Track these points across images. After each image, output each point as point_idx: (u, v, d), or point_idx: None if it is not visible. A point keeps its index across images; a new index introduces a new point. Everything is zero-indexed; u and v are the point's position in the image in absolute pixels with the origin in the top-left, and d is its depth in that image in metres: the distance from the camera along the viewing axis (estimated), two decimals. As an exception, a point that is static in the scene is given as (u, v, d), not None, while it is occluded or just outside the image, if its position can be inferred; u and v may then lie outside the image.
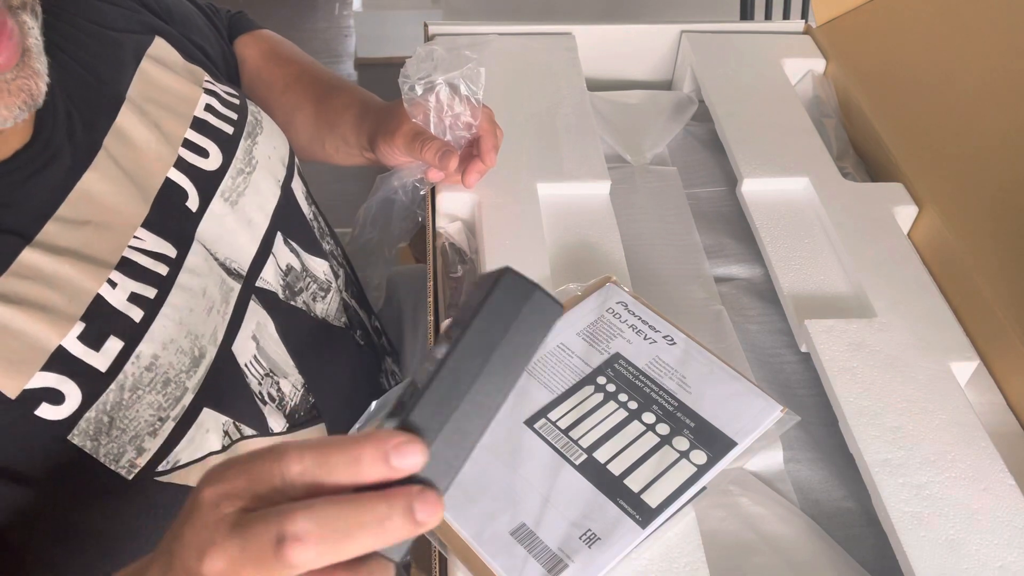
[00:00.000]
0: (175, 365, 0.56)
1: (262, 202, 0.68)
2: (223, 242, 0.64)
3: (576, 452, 0.54)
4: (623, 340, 0.61)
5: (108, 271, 0.54)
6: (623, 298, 0.64)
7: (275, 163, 0.71)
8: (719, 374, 0.59)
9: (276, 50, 0.85)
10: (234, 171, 0.66)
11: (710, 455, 0.54)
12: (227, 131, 0.67)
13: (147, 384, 0.54)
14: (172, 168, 0.62)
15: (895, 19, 0.88)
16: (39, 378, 0.49)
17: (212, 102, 0.67)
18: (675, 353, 0.60)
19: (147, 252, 0.57)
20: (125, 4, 0.68)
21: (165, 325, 0.56)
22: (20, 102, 0.48)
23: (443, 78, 0.67)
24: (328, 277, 0.75)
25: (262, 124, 0.71)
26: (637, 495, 0.52)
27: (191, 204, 0.62)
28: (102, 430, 0.52)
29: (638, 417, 0.56)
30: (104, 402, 0.52)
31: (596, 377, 0.59)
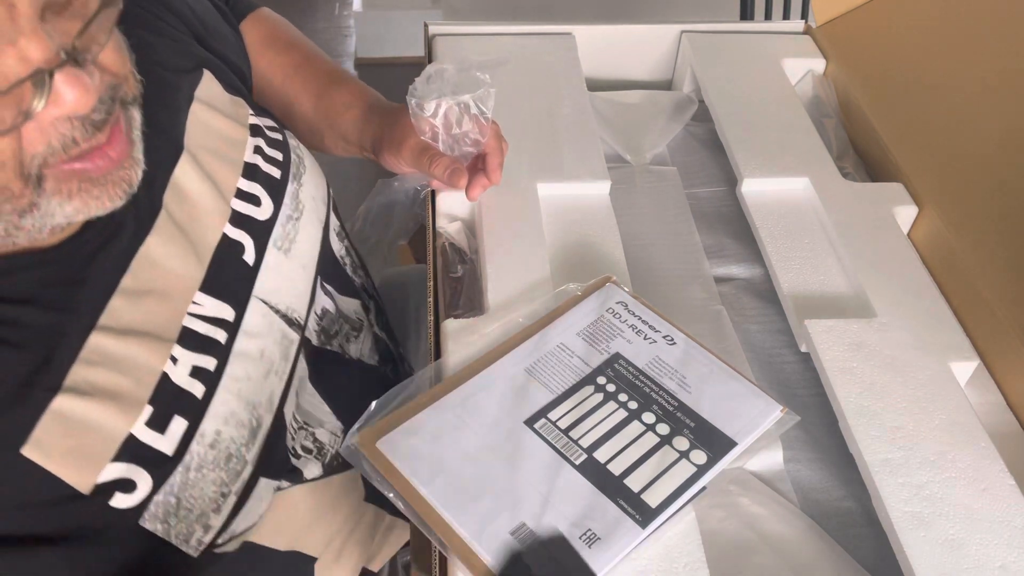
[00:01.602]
0: (236, 439, 0.55)
1: (310, 246, 0.67)
2: (283, 292, 0.62)
3: (576, 452, 0.54)
4: (623, 340, 0.61)
5: (170, 346, 0.53)
6: (623, 298, 0.64)
7: (318, 204, 0.70)
8: (719, 374, 0.59)
9: (275, 34, 0.82)
10: (283, 218, 0.64)
11: (710, 455, 0.54)
12: (275, 175, 0.65)
13: (211, 462, 0.53)
14: (227, 223, 0.60)
15: (895, 19, 0.88)
16: (110, 469, 0.48)
17: (259, 143, 0.65)
18: (675, 353, 0.60)
19: (205, 318, 0.55)
20: (174, 35, 0.65)
21: (226, 399, 0.55)
22: (121, 192, 0.46)
23: (453, 101, 0.67)
24: (360, 316, 0.74)
25: (304, 163, 0.69)
26: (637, 495, 0.52)
27: (248, 258, 0.60)
28: (170, 511, 0.51)
29: (638, 417, 0.56)
30: (171, 484, 0.51)
31: (596, 377, 0.59)
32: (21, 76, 0.39)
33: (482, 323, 0.64)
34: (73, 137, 0.42)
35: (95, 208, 0.46)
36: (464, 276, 0.71)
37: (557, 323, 0.62)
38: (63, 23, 0.41)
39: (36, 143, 0.41)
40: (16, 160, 0.41)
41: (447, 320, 0.64)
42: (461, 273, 0.72)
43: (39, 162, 0.42)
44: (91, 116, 0.43)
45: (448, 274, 0.71)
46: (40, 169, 0.42)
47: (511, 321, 0.63)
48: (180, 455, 0.52)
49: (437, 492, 0.52)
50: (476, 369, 0.59)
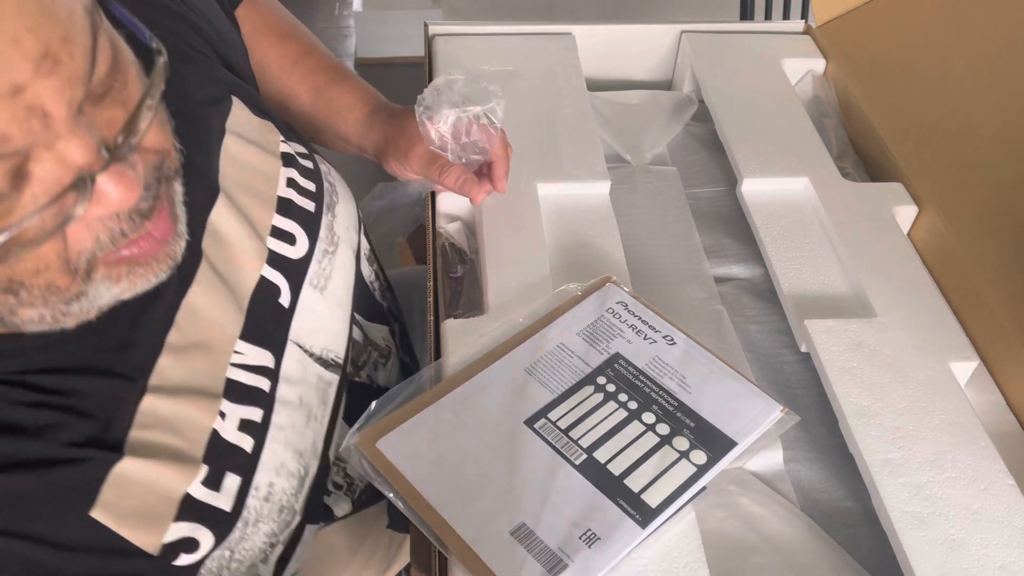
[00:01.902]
0: (286, 490, 0.55)
1: (345, 279, 0.65)
2: (318, 333, 0.61)
3: (576, 452, 0.54)
4: (623, 340, 0.61)
5: (218, 402, 0.52)
6: (623, 298, 0.64)
7: (351, 233, 0.68)
8: (719, 374, 0.59)
9: (271, 23, 0.78)
10: (319, 253, 0.62)
11: (710, 455, 0.54)
12: (310, 209, 0.63)
13: (266, 515, 0.53)
14: (265, 264, 0.58)
15: (895, 19, 0.88)
16: (174, 529, 0.48)
17: (292, 175, 0.63)
18: (675, 353, 0.60)
19: (249, 367, 0.54)
20: (201, 61, 0.62)
21: (275, 449, 0.54)
22: (165, 267, 0.45)
23: (463, 112, 0.67)
24: (388, 342, 0.72)
25: (336, 190, 0.67)
26: (637, 495, 0.52)
27: (283, 300, 0.58)
28: (224, 565, 0.51)
29: (638, 417, 0.56)
30: (230, 540, 0.51)
31: (596, 377, 0.59)
32: (62, 181, 0.37)
33: (482, 323, 0.64)
34: (121, 229, 0.41)
35: (141, 286, 0.44)
36: (464, 276, 0.71)
37: (557, 323, 0.62)
38: (103, 111, 0.39)
39: (83, 240, 0.40)
40: (62, 259, 0.39)
41: (447, 320, 0.64)
42: (461, 273, 0.72)
43: (87, 257, 0.41)
44: (138, 206, 0.41)
45: (448, 274, 0.71)
46: (88, 263, 0.41)
47: (511, 321, 0.63)
48: (238, 511, 0.51)
49: (437, 492, 0.52)
50: (476, 369, 0.59)
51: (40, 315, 0.41)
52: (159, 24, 0.59)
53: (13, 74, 0.33)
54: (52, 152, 0.36)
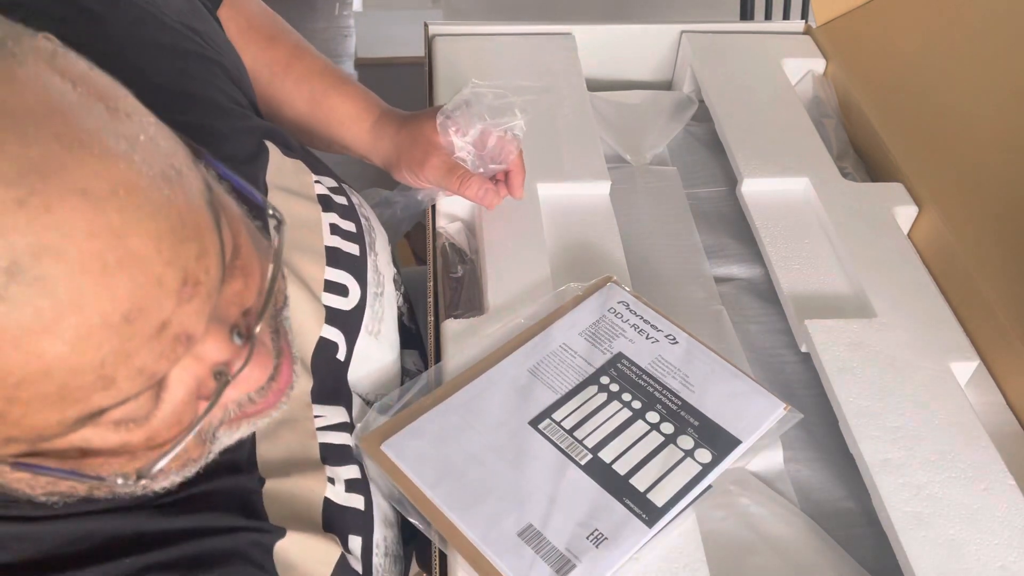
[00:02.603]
0: (392, 539, 0.55)
1: (394, 316, 0.64)
2: (371, 377, 0.60)
3: (581, 452, 0.54)
4: (625, 340, 0.61)
5: (323, 469, 0.50)
6: (624, 298, 0.64)
7: (390, 267, 0.66)
8: (722, 372, 0.59)
9: (256, 25, 0.74)
10: (371, 298, 0.61)
11: (715, 453, 0.54)
12: (355, 253, 0.61)
13: (386, 570, 0.53)
14: (324, 324, 0.56)
15: (895, 19, 0.88)
16: None
17: (334, 219, 0.60)
18: (677, 352, 0.60)
19: (333, 427, 0.53)
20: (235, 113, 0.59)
21: (378, 502, 0.54)
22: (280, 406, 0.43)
23: (487, 126, 0.67)
24: (419, 366, 0.71)
25: (372, 225, 0.65)
26: (643, 494, 0.52)
27: (340, 355, 0.57)
28: None
29: (642, 416, 0.56)
30: None
31: (599, 377, 0.59)
32: (199, 376, 0.35)
33: (482, 324, 0.64)
34: (250, 397, 0.40)
35: (257, 426, 0.43)
36: (464, 276, 0.71)
37: (559, 323, 0.62)
38: (226, 289, 0.36)
39: (215, 417, 0.39)
40: (197, 438, 0.38)
41: (447, 320, 0.64)
42: (461, 273, 0.72)
43: (216, 425, 0.40)
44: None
45: (448, 274, 0.71)
46: (216, 430, 0.40)
47: (512, 322, 0.63)
48: (368, 573, 0.51)
49: (443, 494, 0.52)
50: (479, 371, 0.59)
51: (171, 481, 0.40)
52: (195, 77, 0.57)
53: (160, 314, 0.32)
54: (184, 367, 0.35)
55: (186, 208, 0.33)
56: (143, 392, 0.33)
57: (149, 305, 0.31)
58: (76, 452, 0.34)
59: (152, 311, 0.31)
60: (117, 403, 0.32)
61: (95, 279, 0.29)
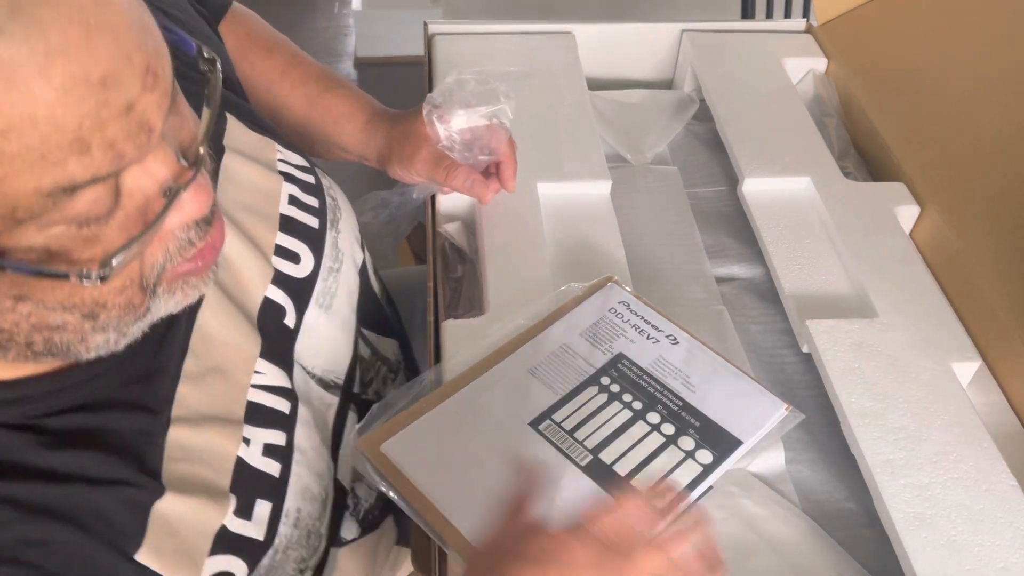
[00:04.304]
0: (312, 514, 0.54)
1: (350, 296, 0.65)
2: (320, 354, 0.60)
3: (581, 453, 0.54)
4: (626, 340, 0.61)
5: (240, 427, 0.51)
6: (625, 298, 0.64)
7: (355, 247, 0.67)
8: (723, 373, 0.59)
9: (254, 35, 0.77)
10: (325, 271, 0.61)
11: (716, 454, 0.54)
12: (313, 226, 0.62)
13: (296, 541, 0.53)
14: (270, 284, 0.57)
15: (896, 18, 0.88)
16: (211, 564, 0.47)
17: (294, 191, 0.62)
18: (678, 352, 0.60)
19: (269, 388, 0.54)
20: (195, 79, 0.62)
21: (299, 473, 0.54)
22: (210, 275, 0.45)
23: (473, 112, 0.66)
24: (397, 356, 0.72)
25: (339, 205, 0.66)
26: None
27: (288, 321, 0.58)
28: None
29: (643, 417, 0.56)
30: (260, 567, 0.50)
31: (600, 377, 0.59)
32: (148, 195, 0.38)
33: (482, 324, 0.64)
34: (189, 238, 0.42)
35: (192, 297, 0.45)
36: (464, 276, 0.71)
37: (559, 324, 0.62)
38: (171, 119, 0.40)
39: (156, 254, 0.41)
40: (139, 274, 0.41)
41: (447, 320, 0.64)
42: (461, 273, 0.71)
43: (158, 271, 0.41)
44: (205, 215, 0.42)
45: (448, 274, 0.71)
46: (157, 278, 0.42)
47: (512, 322, 0.63)
48: (270, 540, 0.51)
49: (442, 495, 0.52)
50: (479, 371, 0.59)
51: (106, 339, 0.42)
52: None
53: (128, 92, 0.35)
54: (141, 167, 0.37)
55: (148, 18, 0.37)
56: (109, 178, 0.36)
57: (121, 76, 0.34)
58: (42, 253, 0.36)
59: (123, 84, 0.34)
60: (87, 180, 0.35)
61: (80, 33, 0.33)
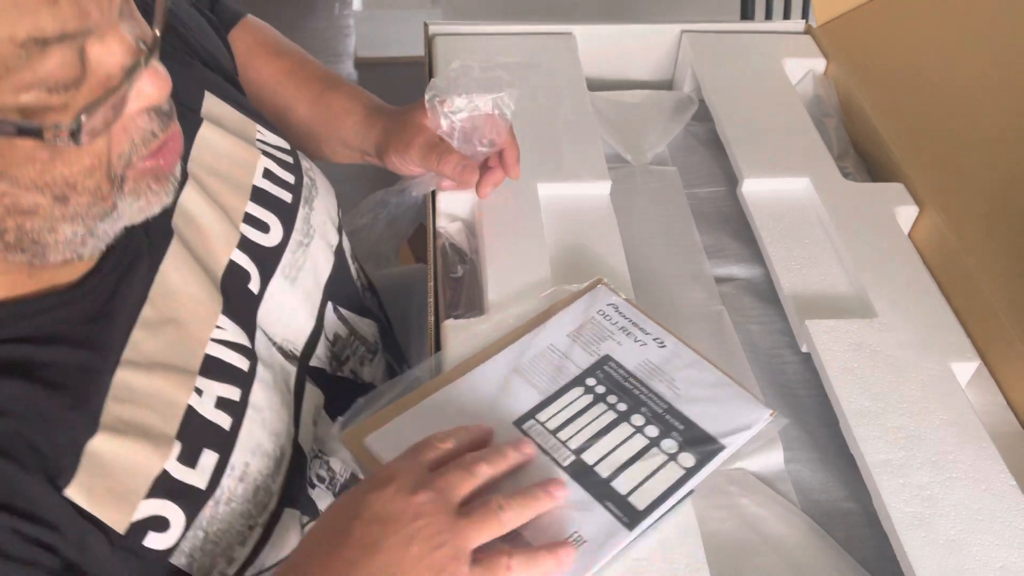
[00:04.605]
0: (263, 471, 0.55)
1: (317, 273, 0.66)
2: (281, 323, 0.61)
3: (564, 454, 0.54)
4: (613, 342, 0.61)
5: (193, 378, 0.52)
6: (613, 300, 0.64)
7: (329, 228, 0.68)
8: (709, 377, 0.59)
9: (263, 42, 0.80)
10: (294, 244, 0.63)
11: (699, 458, 0.54)
12: (286, 200, 0.64)
13: (240, 495, 0.53)
14: (235, 249, 0.59)
15: (896, 19, 0.88)
16: (144, 507, 0.48)
17: (270, 165, 0.64)
18: (665, 355, 0.60)
19: (228, 344, 0.55)
20: (179, 58, 0.63)
21: (251, 429, 0.54)
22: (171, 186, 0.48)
23: (477, 100, 0.66)
24: (376, 338, 0.73)
25: (316, 185, 0.68)
26: (624, 497, 0.52)
27: (253, 286, 0.59)
28: (196, 546, 0.51)
29: (627, 419, 0.56)
30: (201, 518, 0.51)
31: (585, 379, 0.59)
32: (112, 72, 0.40)
33: (482, 323, 0.64)
34: (152, 131, 0.44)
35: (155, 204, 0.47)
36: (464, 276, 0.71)
37: (548, 324, 0.62)
38: (128, 11, 0.42)
39: (122, 142, 0.43)
40: (106, 161, 0.42)
41: (447, 320, 0.64)
42: (461, 273, 0.72)
43: (124, 162, 0.43)
44: (163, 106, 0.45)
45: (448, 274, 0.71)
46: (124, 170, 0.44)
47: (503, 322, 0.63)
48: (212, 489, 0.51)
49: None
50: (466, 369, 0.59)
51: (74, 232, 0.43)
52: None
53: None
54: (104, 44, 0.40)
55: None
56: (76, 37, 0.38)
57: None
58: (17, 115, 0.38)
59: None
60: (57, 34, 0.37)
61: None
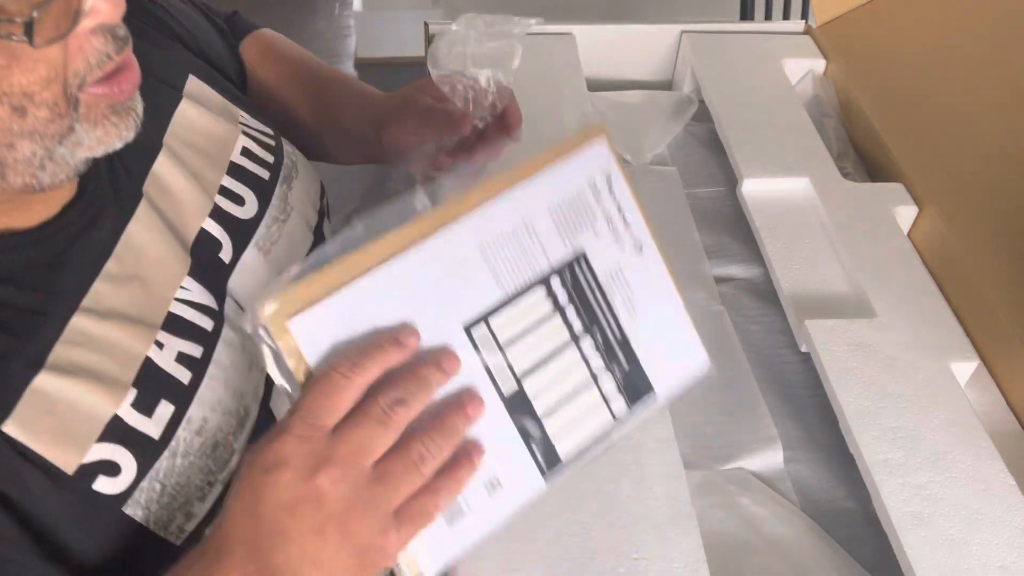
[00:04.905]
0: (223, 427, 0.55)
1: (294, 249, 0.66)
2: (253, 294, 0.62)
3: (507, 379, 0.49)
4: (592, 234, 0.54)
5: (155, 332, 0.53)
6: (610, 170, 0.55)
7: (308, 208, 0.69)
8: (669, 309, 0.55)
9: (272, 49, 0.82)
10: (269, 219, 0.64)
11: (630, 406, 0.51)
12: (263, 176, 0.65)
13: (197, 449, 0.53)
14: (207, 217, 0.60)
15: (895, 19, 0.88)
16: (95, 450, 0.48)
17: (249, 144, 0.65)
18: (638, 266, 0.55)
19: (193, 304, 0.55)
20: (162, 43, 0.65)
21: (213, 386, 0.54)
22: (132, 123, 0.49)
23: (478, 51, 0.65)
24: None
25: (297, 167, 0.69)
26: (550, 441, 0.49)
27: (224, 255, 0.60)
28: (153, 498, 0.51)
29: (577, 343, 0.51)
30: (157, 470, 0.51)
31: (551, 279, 0.52)
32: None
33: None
34: (107, 52, 0.45)
35: (115, 138, 0.48)
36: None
37: (530, 184, 0.52)
38: None
39: (76, 59, 0.44)
40: (62, 76, 0.44)
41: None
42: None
43: (79, 80, 0.44)
44: (117, 31, 0.46)
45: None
46: (78, 89, 0.45)
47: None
48: (166, 440, 0.51)
49: None
50: (420, 233, 0.49)
51: (32, 152, 0.45)
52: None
53: None
54: None
55: None
56: None
57: None
58: None
59: None
60: None
61: None
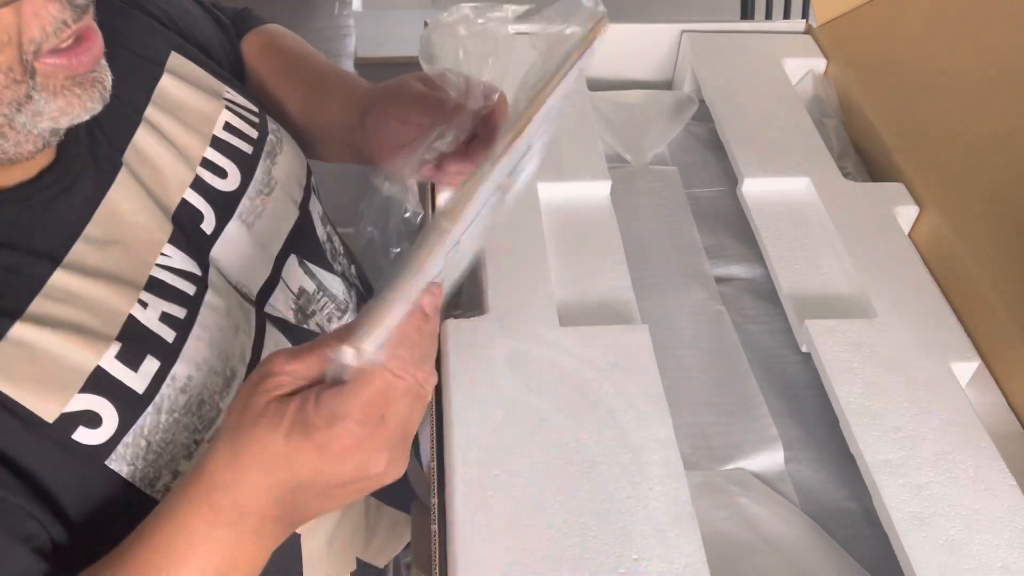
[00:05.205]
0: (208, 386, 0.55)
1: (278, 224, 0.67)
2: (235, 265, 0.63)
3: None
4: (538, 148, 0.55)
5: (138, 291, 0.53)
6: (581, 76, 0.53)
7: (293, 184, 0.69)
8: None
9: (273, 43, 0.82)
10: (252, 192, 0.65)
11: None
12: (246, 150, 0.65)
13: (182, 406, 0.53)
14: (189, 188, 0.60)
15: (896, 19, 0.88)
16: (77, 400, 0.48)
17: (232, 119, 0.65)
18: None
19: (174, 270, 0.56)
20: (145, 24, 0.66)
21: (197, 346, 0.55)
22: (98, 95, 0.49)
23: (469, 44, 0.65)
24: (347, 297, 0.74)
25: (282, 143, 0.70)
26: None
27: (206, 226, 0.61)
28: (139, 454, 0.51)
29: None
30: (141, 426, 0.51)
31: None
32: None
33: (482, 323, 0.64)
34: (64, 20, 0.45)
35: (79, 109, 0.48)
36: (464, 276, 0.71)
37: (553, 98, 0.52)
38: None
39: (32, 26, 0.44)
40: (17, 41, 0.44)
41: (447, 320, 0.64)
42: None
43: (34, 48, 0.45)
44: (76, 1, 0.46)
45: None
46: (34, 58, 0.45)
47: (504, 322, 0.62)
48: (150, 396, 0.52)
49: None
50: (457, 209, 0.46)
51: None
52: None
53: None
54: None
55: None
56: None
57: None
58: None
59: None
60: None
61: None
